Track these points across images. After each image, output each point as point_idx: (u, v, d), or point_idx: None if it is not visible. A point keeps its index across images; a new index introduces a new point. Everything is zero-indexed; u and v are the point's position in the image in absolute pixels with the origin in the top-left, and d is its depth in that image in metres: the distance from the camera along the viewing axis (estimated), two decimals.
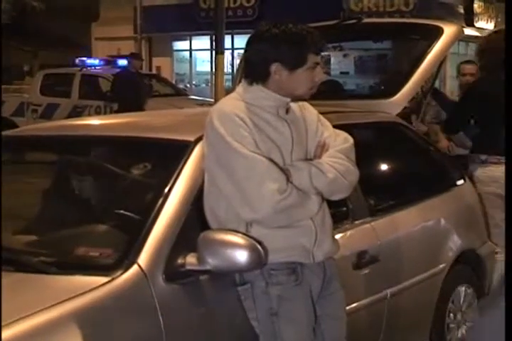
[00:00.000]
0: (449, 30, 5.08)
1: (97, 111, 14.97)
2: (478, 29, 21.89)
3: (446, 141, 5.84)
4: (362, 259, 3.62)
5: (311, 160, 3.00)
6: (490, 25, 22.80)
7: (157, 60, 23.88)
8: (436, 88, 6.82)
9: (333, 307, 3.11)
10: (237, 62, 20.47)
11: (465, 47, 22.01)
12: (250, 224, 2.88)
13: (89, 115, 14.36)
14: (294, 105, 3.05)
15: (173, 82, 20.42)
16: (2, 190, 3.32)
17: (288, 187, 2.82)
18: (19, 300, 2.57)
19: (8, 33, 20.52)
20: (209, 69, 22.33)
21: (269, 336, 2.95)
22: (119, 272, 2.71)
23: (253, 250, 2.76)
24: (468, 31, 17.83)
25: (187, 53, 24.58)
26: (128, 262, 2.75)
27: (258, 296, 2.94)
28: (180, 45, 24.65)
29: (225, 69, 16.30)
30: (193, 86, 24.10)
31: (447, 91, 13.95)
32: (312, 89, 2.99)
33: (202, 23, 21.31)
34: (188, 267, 2.81)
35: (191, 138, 3.19)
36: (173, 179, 3.02)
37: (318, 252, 2.99)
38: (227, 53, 19.74)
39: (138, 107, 11.69)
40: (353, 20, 5.38)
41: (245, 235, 2.82)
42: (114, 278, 2.68)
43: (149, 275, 2.74)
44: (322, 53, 3.02)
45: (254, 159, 2.80)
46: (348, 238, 3.61)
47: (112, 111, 14.01)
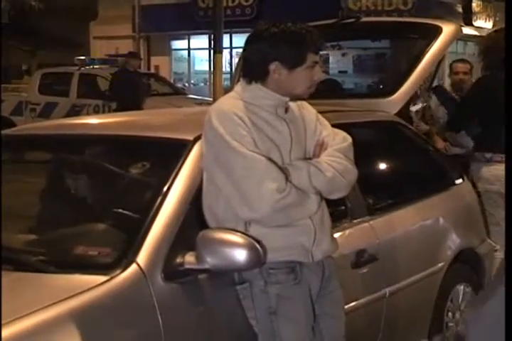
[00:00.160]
0: (447, 29, 5.08)
1: (96, 110, 14.95)
2: (477, 28, 21.88)
3: (441, 142, 5.85)
4: (361, 258, 3.62)
5: (310, 159, 3.00)
6: (488, 24, 22.80)
7: (155, 59, 23.86)
8: (439, 85, 6.78)
9: (332, 306, 3.12)
10: (235, 61, 20.46)
11: (463, 46, 22.03)
12: (249, 223, 2.88)
13: (88, 114, 14.34)
14: (292, 104, 3.04)
15: (172, 81, 20.40)
16: (3, 190, 3.31)
17: (287, 187, 2.82)
18: (18, 299, 2.57)
19: (6, 33, 20.46)
20: (207, 69, 22.35)
21: (268, 335, 2.95)
22: (118, 271, 2.71)
23: (252, 249, 2.76)
24: (466, 30, 17.80)
25: (185, 52, 24.56)
26: (127, 261, 2.74)
27: (257, 295, 2.94)
28: (179, 44, 24.63)
29: (224, 69, 16.28)
30: (192, 85, 24.08)
31: None
32: (311, 88, 3.00)
33: (200, 22, 21.29)
34: (186, 266, 2.81)
35: (190, 137, 3.19)
36: (171, 178, 3.02)
37: (317, 251, 2.99)
38: (226, 52, 19.73)
39: (136, 106, 11.67)
40: (351, 19, 5.38)
41: (244, 234, 2.82)
42: (112, 277, 2.68)
43: (148, 274, 2.73)
44: (321, 52, 3.02)
45: (253, 158, 2.80)
46: (346, 237, 3.61)
47: (111, 110, 14.00)
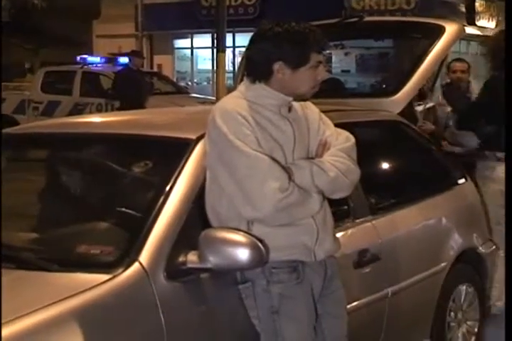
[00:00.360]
0: (450, 29, 5.08)
1: (98, 109, 14.95)
2: (480, 28, 21.87)
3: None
4: (363, 258, 3.62)
5: (313, 158, 3.00)
6: (491, 24, 22.78)
7: (158, 58, 23.87)
8: (450, 82, 6.68)
9: (334, 305, 3.12)
10: (238, 60, 20.45)
11: (466, 45, 22.01)
12: (252, 223, 2.88)
13: (91, 113, 14.35)
14: (296, 104, 3.04)
15: (175, 80, 20.40)
16: (4, 188, 3.32)
17: (290, 186, 2.82)
18: (20, 298, 2.57)
19: (8, 31, 20.49)
20: (210, 68, 22.36)
21: (270, 334, 2.95)
22: (121, 270, 2.71)
23: (254, 248, 2.76)
24: (469, 30, 17.83)
25: (188, 51, 24.57)
26: (129, 260, 2.74)
27: (259, 294, 2.94)
28: (182, 43, 24.64)
29: (227, 68, 16.27)
30: (195, 84, 24.09)
31: None
32: (314, 87, 2.99)
33: (203, 21, 21.29)
34: (189, 265, 2.81)
35: (193, 136, 3.19)
36: (174, 177, 3.02)
37: (320, 250, 2.99)
38: (229, 51, 19.68)
39: (139, 105, 11.68)
40: (354, 19, 5.38)
41: (246, 233, 2.81)
42: (115, 276, 2.68)
43: (150, 273, 2.73)
44: (324, 52, 3.02)
45: (257, 157, 2.80)
46: (349, 236, 3.61)
47: (114, 108, 14.00)
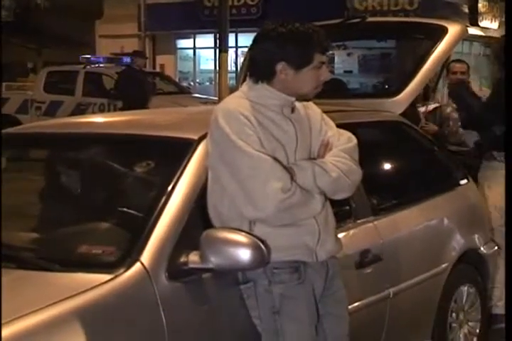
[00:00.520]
0: (453, 30, 5.07)
1: (101, 109, 14.96)
2: (483, 28, 21.88)
3: None
4: (364, 258, 3.62)
5: (315, 159, 3.00)
6: (494, 25, 22.79)
7: (161, 58, 23.88)
8: (463, 80, 6.56)
9: (336, 305, 3.11)
10: (241, 60, 20.46)
11: (469, 46, 22.01)
12: (253, 223, 2.88)
13: (93, 113, 14.36)
14: (298, 104, 3.04)
15: (177, 80, 20.41)
16: (6, 188, 3.32)
17: (292, 186, 2.82)
18: (21, 298, 2.57)
19: (11, 31, 20.50)
20: (213, 68, 22.37)
21: (272, 334, 2.95)
22: (122, 270, 2.71)
23: (256, 248, 2.76)
24: (472, 30, 17.82)
25: (191, 51, 24.57)
26: (131, 260, 2.74)
27: (261, 294, 2.94)
28: (184, 43, 24.64)
29: (229, 68, 16.27)
30: (197, 84, 24.10)
31: None
32: (317, 88, 2.99)
33: (206, 21, 21.29)
34: (190, 265, 2.81)
35: (195, 137, 3.19)
36: (176, 177, 3.02)
37: (321, 251, 2.99)
38: (231, 51, 19.71)
39: (142, 105, 11.69)
40: (357, 19, 5.38)
41: (248, 234, 2.81)
42: (116, 276, 2.68)
43: (152, 273, 2.73)
44: (327, 52, 3.02)
45: (259, 158, 2.80)
46: (350, 237, 3.61)
47: (116, 108, 14.01)
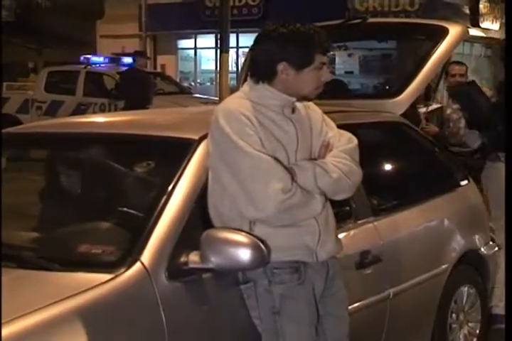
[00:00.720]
0: (454, 31, 5.07)
1: (102, 109, 14.96)
2: (484, 29, 21.88)
3: None
4: (365, 259, 3.62)
5: (315, 159, 3.00)
6: (495, 26, 22.79)
7: (162, 58, 23.86)
8: (474, 80, 6.48)
9: (336, 306, 3.12)
10: (242, 60, 20.46)
11: (470, 47, 22.01)
12: (254, 223, 2.88)
13: (94, 112, 14.36)
14: (299, 104, 3.04)
15: (178, 80, 20.41)
16: (6, 188, 3.32)
17: (293, 187, 2.82)
18: (21, 297, 2.57)
19: (12, 30, 20.49)
20: (214, 68, 22.35)
21: (272, 335, 2.95)
22: (122, 269, 2.71)
23: (256, 249, 2.76)
24: (473, 32, 17.83)
25: (192, 51, 24.57)
26: (131, 260, 2.75)
27: (261, 295, 2.94)
28: (185, 43, 24.63)
29: (230, 68, 16.28)
30: (198, 84, 24.09)
31: None
32: (318, 88, 2.99)
33: (207, 21, 21.29)
34: (190, 265, 2.81)
35: (195, 137, 3.19)
36: (176, 177, 3.02)
37: (322, 251, 2.99)
38: (232, 52, 19.73)
39: (144, 105, 11.70)
40: (358, 20, 5.38)
41: (248, 234, 2.82)
42: (117, 276, 2.69)
43: (152, 273, 2.74)
44: (328, 53, 3.02)
45: (260, 158, 2.80)
46: (351, 237, 3.61)
47: (117, 108, 14.00)
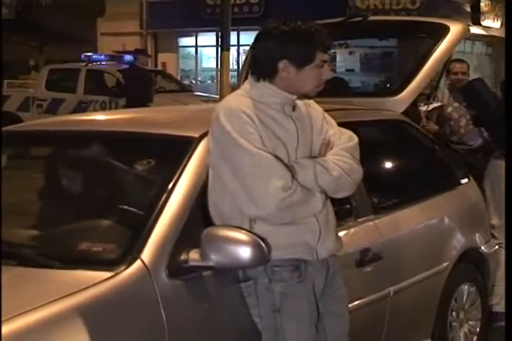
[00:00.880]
0: (455, 29, 5.07)
1: (102, 107, 14.96)
2: (485, 28, 21.87)
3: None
4: (365, 257, 3.62)
5: (316, 157, 3.00)
6: (496, 24, 22.78)
7: (162, 56, 23.87)
8: (480, 78, 6.38)
9: (336, 304, 3.12)
10: (242, 58, 20.45)
11: (471, 45, 22.01)
12: (254, 221, 2.88)
13: (94, 110, 14.37)
14: (299, 102, 3.04)
15: (179, 78, 20.41)
16: (7, 185, 3.32)
17: (293, 185, 2.82)
18: (22, 295, 2.57)
19: (13, 28, 20.50)
20: (214, 66, 22.36)
21: (272, 332, 2.95)
22: (122, 267, 2.71)
23: (256, 247, 2.76)
24: (474, 30, 17.81)
25: (193, 49, 24.57)
26: (131, 257, 2.75)
27: (261, 293, 2.94)
28: (186, 41, 24.63)
29: (231, 66, 16.26)
30: (199, 82, 24.10)
31: None
32: (319, 86, 2.99)
33: (208, 19, 21.29)
34: (191, 263, 2.81)
35: (195, 135, 3.19)
36: (177, 175, 3.02)
37: (322, 249, 2.99)
38: (233, 50, 19.73)
39: (145, 103, 11.71)
40: (358, 18, 5.38)
41: (249, 232, 2.82)
42: (117, 273, 2.68)
43: (152, 270, 2.74)
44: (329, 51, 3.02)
45: (260, 156, 2.80)
46: (351, 235, 3.61)
47: (118, 106, 14.02)
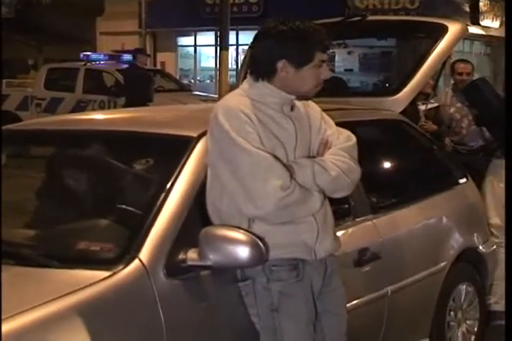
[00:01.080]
0: (453, 29, 5.07)
1: (101, 106, 14.97)
2: (484, 27, 21.86)
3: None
4: (363, 256, 3.62)
5: (314, 157, 3.00)
6: (495, 24, 22.77)
7: (161, 56, 23.85)
8: (483, 78, 6.31)
9: (334, 303, 3.12)
10: (241, 58, 20.45)
11: (470, 45, 22.01)
12: (252, 220, 2.88)
13: (93, 110, 14.37)
14: (297, 102, 3.04)
15: (178, 78, 20.41)
16: (6, 184, 3.32)
17: (291, 184, 2.82)
18: (20, 294, 2.57)
19: (12, 27, 20.50)
20: (213, 65, 22.35)
21: (270, 332, 2.95)
22: (121, 266, 2.71)
23: (254, 246, 2.76)
24: (473, 29, 17.81)
25: (191, 49, 24.56)
26: (129, 257, 2.75)
27: (259, 292, 2.95)
28: (185, 40, 24.62)
29: (230, 65, 16.27)
30: (198, 82, 24.09)
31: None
32: (317, 86, 2.99)
33: (207, 18, 21.27)
34: (189, 262, 2.81)
35: (194, 134, 3.19)
36: (175, 174, 3.03)
37: (320, 249, 2.99)
38: (232, 49, 19.73)
39: (145, 102, 11.71)
40: (357, 18, 5.38)
41: (247, 231, 2.82)
42: (115, 273, 2.69)
43: (150, 270, 2.74)
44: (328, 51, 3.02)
45: (259, 155, 2.80)
46: (349, 235, 3.62)
47: (116, 105, 14.02)
